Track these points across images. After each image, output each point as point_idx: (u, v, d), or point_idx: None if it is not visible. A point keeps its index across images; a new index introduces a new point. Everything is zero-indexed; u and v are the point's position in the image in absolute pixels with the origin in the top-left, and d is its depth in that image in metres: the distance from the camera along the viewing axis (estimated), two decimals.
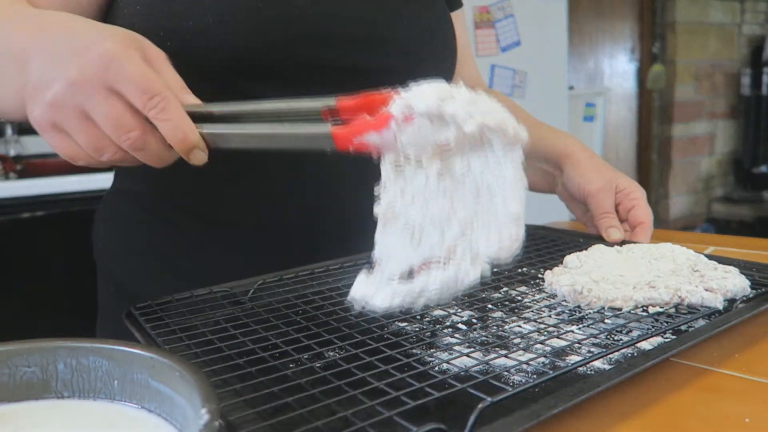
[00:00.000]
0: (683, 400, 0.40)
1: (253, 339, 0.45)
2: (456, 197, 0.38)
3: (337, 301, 0.53)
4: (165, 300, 0.52)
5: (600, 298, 0.52)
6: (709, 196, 4.55)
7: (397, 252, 0.39)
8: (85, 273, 1.84)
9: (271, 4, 0.64)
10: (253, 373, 0.40)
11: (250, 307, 0.53)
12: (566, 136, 0.80)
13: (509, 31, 2.41)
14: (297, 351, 0.43)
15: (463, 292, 0.39)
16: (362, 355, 0.43)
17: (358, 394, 0.36)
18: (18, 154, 2.15)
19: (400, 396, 0.36)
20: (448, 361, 0.42)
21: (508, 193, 0.37)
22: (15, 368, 0.35)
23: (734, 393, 0.41)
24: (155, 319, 0.49)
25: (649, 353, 0.42)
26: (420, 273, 0.38)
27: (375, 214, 0.40)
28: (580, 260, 0.60)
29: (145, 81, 0.43)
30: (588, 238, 0.73)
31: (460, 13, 0.88)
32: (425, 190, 0.39)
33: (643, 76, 4.20)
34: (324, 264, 0.62)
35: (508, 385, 0.38)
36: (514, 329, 0.48)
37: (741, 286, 0.53)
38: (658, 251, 0.60)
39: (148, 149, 0.44)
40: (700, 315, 0.50)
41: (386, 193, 0.39)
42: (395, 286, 0.38)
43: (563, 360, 0.43)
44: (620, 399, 0.40)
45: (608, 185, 0.74)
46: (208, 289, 0.55)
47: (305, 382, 0.38)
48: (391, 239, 0.39)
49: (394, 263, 0.39)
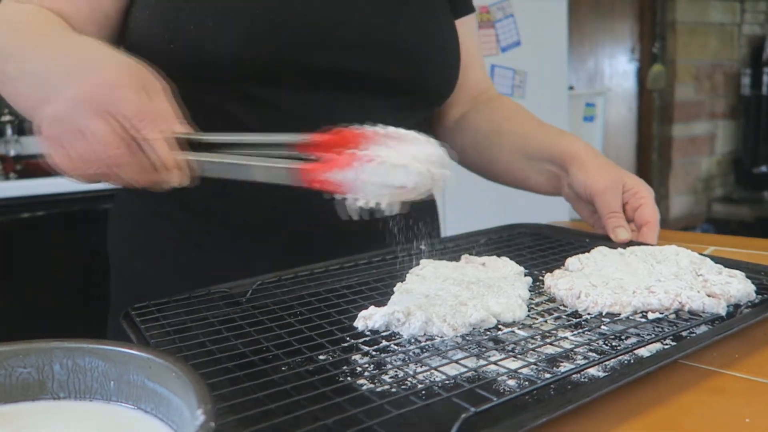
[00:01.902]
0: (684, 401, 0.40)
1: (244, 342, 0.45)
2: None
3: (333, 303, 0.53)
4: (163, 301, 0.52)
5: (598, 303, 0.51)
6: (709, 196, 4.55)
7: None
8: (85, 273, 1.84)
9: (268, 8, 0.64)
10: (240, 378, 0.39)
11: (247, 308, 0.52)
12: (571, 137, 0.80)
13: (509, 31, 2.41)
14: (287, 355, 0.43)
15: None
16: (351, 360, 0.43)
17: (342, 402, 0.36)
18: (18, 154, 2.15)
19: (383, 404, 0.36)
20: (437, 368, 0.42)
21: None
22: (11, 369, 0.35)
23: (735, 394, 0.41)
24: (151, 320, 0.49)
25: (644, 361, 0.42)
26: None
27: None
28: (581, 262, 0.59)
29: (135, 107, 0.48)
30: (594, 238, 0.72)
31: (469, 18, 0.88)
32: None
33: (643, 76, 4.20)
34: (323, 264, 0.62)
35: (498, 394, 0.38)
36: (510, 334, 0.48)
37: (746, 291, 0.51)
38: (661, 254, 0.59)
39: (130, 167, 0.49)
40: (701, 321, 0.48)
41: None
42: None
43: (557, 367, 0.42)
44: (622, 400, 0.40)
45: (615, 184, 0.73)
46: (206, 289, 0.55)
47: (291, 388, 0.38)
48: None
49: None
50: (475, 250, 0.68)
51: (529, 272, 0.61)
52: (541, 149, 0.80)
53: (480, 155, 0.87)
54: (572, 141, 0.78)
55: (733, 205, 4.46)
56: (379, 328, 0.47)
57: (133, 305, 0.51)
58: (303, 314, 0.51)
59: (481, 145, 0.86)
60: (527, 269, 0.61)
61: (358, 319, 0.48)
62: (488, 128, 0.86)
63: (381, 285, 0.57)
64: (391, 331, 0.47)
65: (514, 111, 0.87)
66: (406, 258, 0.65)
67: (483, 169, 0.89)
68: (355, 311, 0.50)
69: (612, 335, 0.47)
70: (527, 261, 0.62)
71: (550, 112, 2.47)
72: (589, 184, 0.73)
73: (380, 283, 0.58)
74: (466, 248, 0.69)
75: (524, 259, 0.61)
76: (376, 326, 0.47)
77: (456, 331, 0.46)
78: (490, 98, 0.90)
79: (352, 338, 0.46)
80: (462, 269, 0.57)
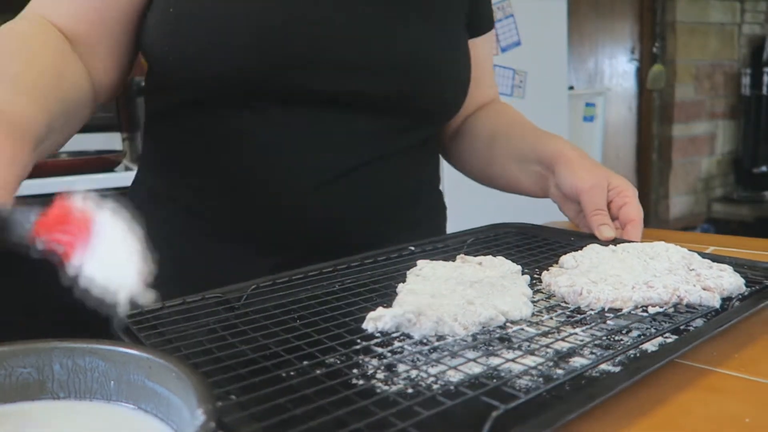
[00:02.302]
0: (683, 400, 0.40)
1: (252, 347, 0.44)
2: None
3: (334, 306, 0.53)
4: (157, 307, 0.50)
5: (600, 299, 0.51)
6: (709, 196, 4.55)
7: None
8: None
9: (264, 26, 0.64)
10: (257, 384, 0.39)
11: (245, 312, 0.51)
12: (558, 139, 0.81)
13: (509, 31, 2.41)
14: (299, 359, 0.42)
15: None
16: (366, 362, 0.42)
17: (369, 405, 0.36)
18: None
19: (413, 406, 0.35)
20: (456, 367, 0.42)
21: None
22: (11, 369, 0.35)
23: (734, 393, 0.41)
24: (148, 327, 0.48)
25: (655, 354, 0.42)
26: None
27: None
28: (576, 260, 0.60)
29: None
30: (580, 237, 0.73)
31: (488, 36, 0.88)
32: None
33: (643, 76, 4.20)
34: (317, 267, 0.61)
35: (518, 391, 0.38)
36: (519, 332, 0.48)
37: (736, 284, 0.53)
38: (652, 250, 0.60)
39: None
40: (699, 314, 0.50)
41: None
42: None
43: (568, 363, 0.42)
44: (623, 400, 0.40)
45: (600, 183, 0.74)
46: (200, 295, 0.54)
47: (313, 393, 0.37)
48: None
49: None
50: (464, 249, 0.69)
51: (522, 270, 0.61)
52: (529, 151, 0.81)
53: (478, 161, 0.88)
54: (559, 142, 0.79)
55: (733, 205, 4.46)
56: (390, 329, 0.47)
57: (126, 314, 0.48)
58: (306, 317, 0.50)
59: (478, 152, 0.87)
60: (522, 268, 0.62)
61: (366, 320, 0.47)
62: (485, 134, 0.87)
63: (378, 286, 0.57)
64: (401, 332, 0.47)
65: (510, 116, 0.89)
66: (398, 259, 0.65)
67: (481, 174, 0.90)
68: (358, 313, 0.50)
69: (618, 330, 0.48)
70: (518, 260, 0.62)
71: (550, 112, 2.47)
72: (575, 183, 0.74)
73: (377, 284, 0.58)
74: (455, 248, 0.69)
75: (514, 258, 0.61)
76: (386, 328, 0.46)
77: (467, 330, 0.46)
78: (489, 104, 0.91)
79: (363, 340, 0.46)
80: (460, 269, 0.57)
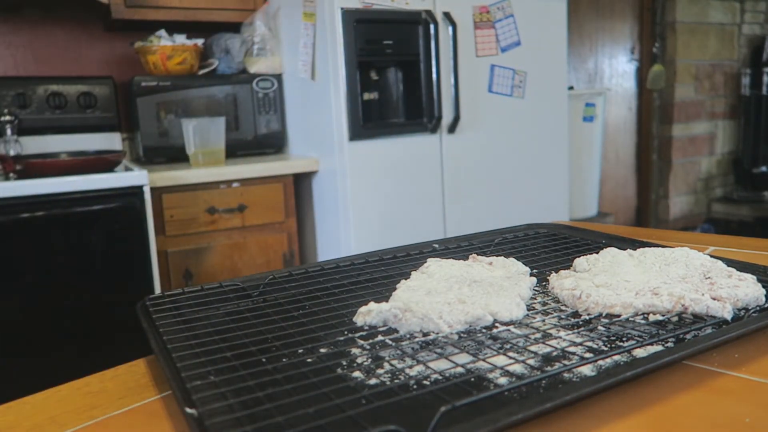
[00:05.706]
0: (683, 400, 0.40)
1: (248, 333, 0.46)
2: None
3: (340, 298, 0.55)
4: (177, 292, 0.54)
5: (598, 304, 0.51)
6: (709, 196, 4.54)
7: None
8: (84, 273, 1.84)
9: None
10: (231, 359, 0.41)
11: (257, 301, 0.55)
12: None
13: (509, 31, 2.41)
14: (286, 347, 0.44)
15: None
16: (346, 353, 0.44)
17: (328, 392, 0.37)
18: (18, 154, 2.15)
19: (367, 395, 0.36)
20: (427, 363, 0.42)
21: None
22: None
23: (734, 393, 0.41)
24: (164, 310, 0.51)
25: (635, 362, 0.42)
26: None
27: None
28: (589, 263, 0.59)
29: None
30: (612, 239, 0.72)
31: None
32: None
33: (643, 76, 4.19)
34: (333, 261, 0.63)
35: (486, 390, 0.38)
36: (505, 333, 0.48)
37: (754, 295, 0.50)
38: (672, 255, 0.58)
39: None
40: (703, 325, 0.47)
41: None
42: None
43: (551, 366, 0.42)
44: (621, 398, 0.40)
45: None
46: (218, 283, 0.57)
47: (283, 378, 0.39)
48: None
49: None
50: (490, 249, 0.69)
51: (539, 272, 0.61)
52: None
53: None
54: None
55: (733, 205, 4.46)
56: (377, 324, 0.48)
57: (148, 297, 0.53)
58: (308, 308, 0.52)
59: None
60: (538, 269, 0.62)
61: (357, 314, 0.49)
62: None
63: (389, 281, 0.59)
64: (388, 326, 0.48)
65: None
66: (418, 256, 0.65)
67: None
68: (360, 306, 0.51)
69: (608, 336, 0.47)
70: (540, 261, 0.62)
71: (550, 112, 2.47)
72: None
73: (388, 280, 0.59)
74: (479, 248, 0.69)
75: (537, 259, 0.62)
76: (373, 322, 0.48)
77: (452, 328, 0.47)
78: None
79: (350, 332, 0.47)
80: (468, 268, 0.57)
